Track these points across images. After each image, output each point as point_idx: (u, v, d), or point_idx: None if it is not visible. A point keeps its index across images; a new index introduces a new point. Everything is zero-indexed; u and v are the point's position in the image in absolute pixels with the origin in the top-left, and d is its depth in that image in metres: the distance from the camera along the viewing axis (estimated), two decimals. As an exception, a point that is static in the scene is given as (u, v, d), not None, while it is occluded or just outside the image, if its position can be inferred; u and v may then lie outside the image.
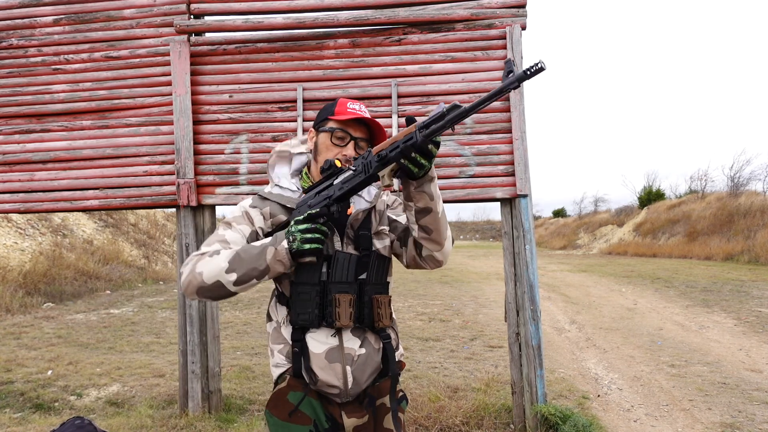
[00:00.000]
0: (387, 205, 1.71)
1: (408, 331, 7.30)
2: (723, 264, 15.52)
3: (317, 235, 1.44)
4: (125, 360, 5.91)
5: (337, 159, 1.56)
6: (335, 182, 1.52)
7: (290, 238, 1.44)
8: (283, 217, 1.59)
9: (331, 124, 1.61)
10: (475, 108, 1.35)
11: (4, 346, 6.62)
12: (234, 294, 1.49)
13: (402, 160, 1.40)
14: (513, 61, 1.34)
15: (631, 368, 5.46)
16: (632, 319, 8.01)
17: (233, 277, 1.44)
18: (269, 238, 1.49)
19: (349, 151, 1.59)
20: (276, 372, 1.60)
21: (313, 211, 1.48)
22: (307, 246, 1.43)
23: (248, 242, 1.55)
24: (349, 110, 1.60)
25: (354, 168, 1.49)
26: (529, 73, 1.28)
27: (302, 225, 1.45)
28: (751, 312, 8.07)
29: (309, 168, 1.69)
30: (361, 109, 1.62)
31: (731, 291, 10.09)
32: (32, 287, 10.03)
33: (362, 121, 1.61)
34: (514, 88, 1.33)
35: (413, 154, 1.37)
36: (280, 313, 1.59)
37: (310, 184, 1.64)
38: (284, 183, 1.66)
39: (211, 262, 1.46)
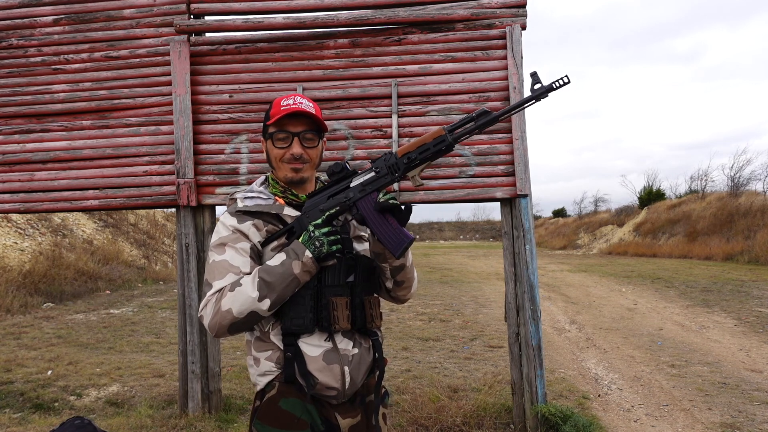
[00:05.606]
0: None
1: (408, 331, 7.30)
2: (723, 264, 15.52)
3: (339, 236, 1.49)
4: (125, 360, 5.91)
5: (347, 163, 1.56)
6: (352, 185, 1.51)
7: (316, 243, 1.45)
8: (274, 227, 1.56)
9: (269, 129, 1.59)
10: (504, 114, 1.47)
11: (4, 346, 6.62)
12: (266, 317, 1.49)
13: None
14: (537, 73, 1.46)
15: (631, 368, 5.46)
16: (632, 319, 8.01)
17: (267, 303, 1.44)
18: (282, 254, 1.47)
19: (296, 148, 1.57)
20: (263, 381, 1.54)
21: (332, 211, 1.50)
22: (333, 248, 1.47)
23: (251, 257, 1.52)
24: (282, 108, 1.56)
25: (377, 170, 1.50)
26: (555, 86, 1.42)
27: (324, 228, 1.47)
28: (751, 312, 8.08)
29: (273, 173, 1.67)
30: (296, 102, 1.56)
31: (731, 291, 10.09)
32: (32, 287, 10.02)
33: (300, 114, 1.56)
34: (543, 98, 1.46)
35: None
36: (266, 320, 1.53)
37: (280, 189, 1.62)
38: (255, 188, 1.64)
39: (238, 296, 1.44)
